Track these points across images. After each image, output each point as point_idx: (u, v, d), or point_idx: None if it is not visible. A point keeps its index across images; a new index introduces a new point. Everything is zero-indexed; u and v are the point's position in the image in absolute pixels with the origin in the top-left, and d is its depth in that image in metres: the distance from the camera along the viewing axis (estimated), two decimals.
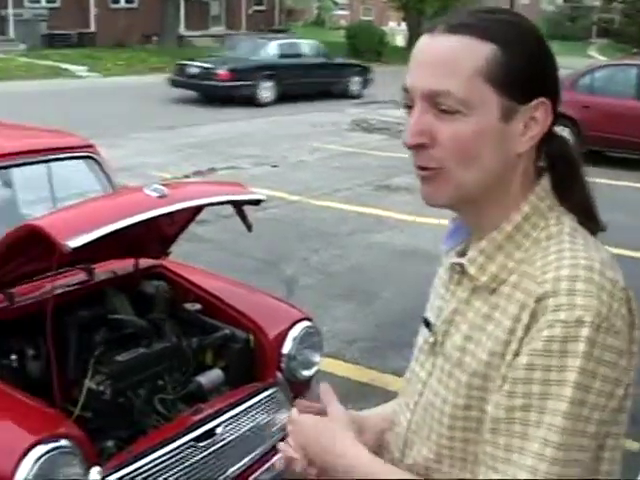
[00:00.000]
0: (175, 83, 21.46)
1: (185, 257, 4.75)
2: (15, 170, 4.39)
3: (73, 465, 2.87)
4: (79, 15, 35.27)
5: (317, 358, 3.92)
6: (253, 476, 3.56)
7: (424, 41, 1.39)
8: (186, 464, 3.22)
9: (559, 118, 1.40)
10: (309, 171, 12.72)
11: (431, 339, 1.49)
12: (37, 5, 34.24)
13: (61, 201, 4.45)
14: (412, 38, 42.75)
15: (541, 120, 1.37)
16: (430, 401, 1.44)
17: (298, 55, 22.83)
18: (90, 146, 4.52)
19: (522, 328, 1.30)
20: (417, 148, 1.38)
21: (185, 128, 16.27)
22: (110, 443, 3.20)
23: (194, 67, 21.05)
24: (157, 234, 3.90)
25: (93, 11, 36.18)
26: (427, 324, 1.51)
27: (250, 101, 20.14)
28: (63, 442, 2.84)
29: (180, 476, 3.19)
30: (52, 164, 4.43)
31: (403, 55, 40.54)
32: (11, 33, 32.79)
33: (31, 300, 3.60)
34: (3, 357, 3.45)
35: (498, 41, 1.34)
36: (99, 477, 2.91)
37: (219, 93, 20.34)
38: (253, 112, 18.97)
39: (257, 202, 3.65)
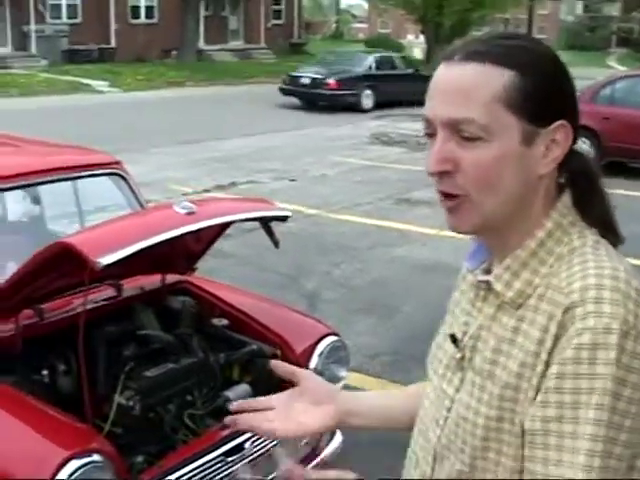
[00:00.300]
0: (285, 91, 25.23)
1: (209, 272, 4.79)
2: (43, 187, 4.45)
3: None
4: (100, 30, 35.58)
5: (343, 373, 3.95)
6: None
7: (442, 70, 1.41)
8: (216, 479, 3.26)
9: (580, 130, 1.43)
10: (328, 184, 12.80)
11: (458, 355, 1.50)
12: (58, 21, 34.55)
13: (88, 218, 4.51)
14: (430, 51, 42.79)
15: (562, 142, 1.39)
16: (462, 415, 1.45)
17: (393, 67, 26.66)
18: (117, 163, 4.58)
19: (551, 338, 1.32)
20: (440, 175, 1.40)
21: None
22: (140, 458, 3.23)
23: (305, 77, 24.75)
24: (184, 250, 3.95)
25: (113, 26, 36.49)
26: (454, 340, 1.52)
27: (353, 108, 23.57)
28: (95, 457, 2.88)
29: None
30: (79, 181, 4.50)
31: (421, 68, 40.78)
32: (33, 49, 33.10)
33: (60, 316, 3.65)
34: (34, 372, 3.50)
35: (514, 67, 1.37)
36: None
37: (326, 100, 23.92)
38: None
39: (284, 218, 3.69)
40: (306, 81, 24.51)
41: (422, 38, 51.13)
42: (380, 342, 6.44)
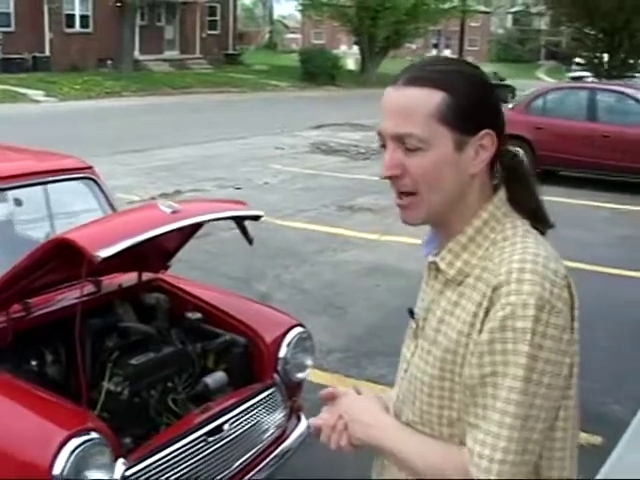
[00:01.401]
0: None
1: None
2: (15, 192, 4.64)
3: (103, 456, 3.15)
4: (34, 39, 35.36)
5: (309, 361, 4.25)
6: (254, 471, 3.87)
7: (389, 93, 1.74)
8: (199, 457, 3.53)
9: (512, 139, 1.80)
10: (276, 192, 13.06)
11: (413, 325, 1.87)
12: None
13: (61, 222, 4.71)
14: (364, 62, 43.36)
15: (488, 146, 1.73)
16: (414, 375, 1.80)
17: None
18: (89, 167, 4.81)
19: (483, 311, 1.66)
20: (392, 179, 1.73)
21: None
22: (128, 440, 3.48)
23: None
24: (159, 249, 4.20)
25: (48, 35, 36.25)
26: (411, 313, 1.88)
27: None
28: (93, 435, 3.12)
29: (194, 468, 3.50)
30: (51, 185, 4.71)
31: (355, 79, 41.31)
32: None
33: (46, 309, 3.89)
34: (25, 363, 3.73)
35: (445, 89, 1.69)
36: (124, 467, 3.20)
37: None
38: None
39: (257, 218, 3.98)
40: None
41: (356, 49, 51.70)
42: (333, 340, 6.74)
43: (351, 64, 53.52)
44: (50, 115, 22.78)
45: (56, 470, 3.02)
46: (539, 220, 1.82)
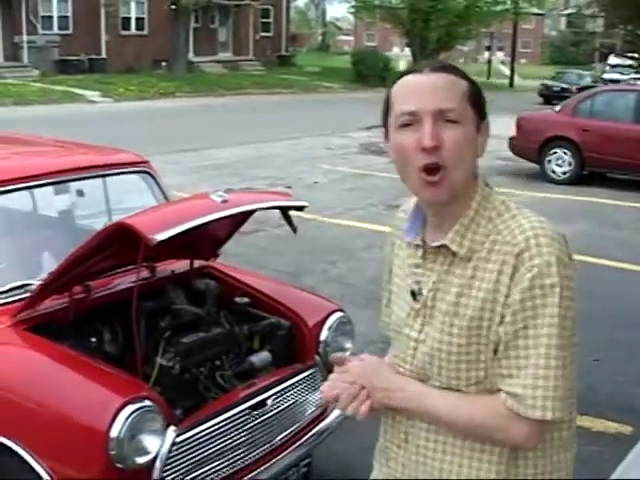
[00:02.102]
0: (543, 95, 38.77)
1: None
2: (76, 184, 4.96)
3: (155, 423, 3.44)
4: (90, 41, 36.08)
5: (349, 344, 4.51)
6: (294, 446, 4.14)
7: (416, 78, 1.98)
8: (244, 428, 3.81)
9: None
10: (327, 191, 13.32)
11: (417, 306, 2.09)
12: (50, 32, 35.03)
13: (118, 213, 5.02)
14: (416, 63, 43.47)
15: (487, 134, 2.04)
16: (436, 348, 2.02)
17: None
18: (145, 162, 5.13)
19: (507, 277, 1.92)
20: (432, 150, 1.92)
21: None
22: (178, 411, 3.77)
23: (556, 86, 38.63)
24: (210, 238, 4.49)
25: (104, 37, 36.97)
26: (413, 294, 2.09)
27: None
28: (147, 402, 3.42)
29: (238, 438, 3.78)
30: (109, 178, 5.03)
31: None
32: (25, 59, 33.61)
33: (105, 292, 4.20)
34: (84, 340, 4.05)
35: (466, 79, 2.00)
36: (174, 434, 3.49)
37: None
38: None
39: (301, 208, 4.26)
40: (556, 88, 37.29)
41: (407, 51, 51.79)
42: (374, 331, 6.97)
43: (403, 66, 53.67)
44: (106, 115, 23.33)
45: (113, 433, 3.31)
46: None
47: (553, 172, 15.46)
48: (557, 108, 15.96)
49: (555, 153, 15.36)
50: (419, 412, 2.05)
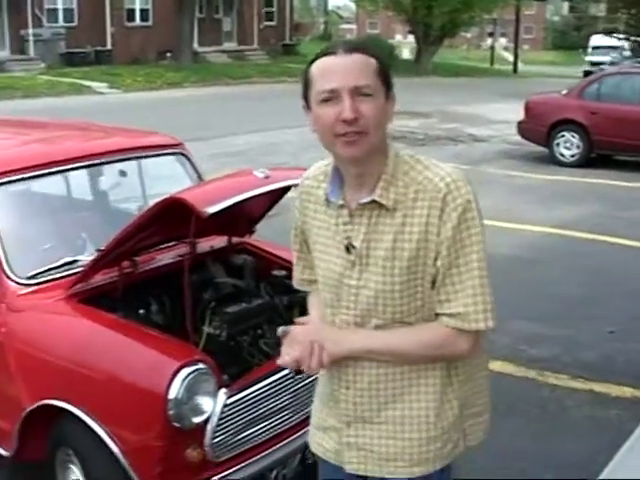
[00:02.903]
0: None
1: None
2: (113, 166, 5.17)
3: (208, 385, 3.66)
4: (96, 33, 36.22)
5: None
6: None
7: (334, 59, 2.29)
8: (287, 392, 4.03)
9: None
10: None
11: (352, 258, 2.40)
12: (55, 25, 35.17)
13: (155, 195, 5.22)
14: (419, 50, 43.52)
15: (394, 102, 2.39)
16: (379, 290, 2.37)
17: None
18: (180, 144, 5.35)
19: (437, 217, 2.29)
20: (353, 120, 2.24)
21: None
22: (225, 377, 3.99)
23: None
24: (247, 215, 4.70)
25: (109, 29, 37.11)
26: (347, 249, 2.42)
27: None
28: (201, 365, 3.64)
29: (284, 400, 4.00)
30: (147, 161, 5.24)
31: (411, 68, 41.47)
32: (31, 52, 33.76)
33: (150, 266, 4.43)
34: (133, 312, 4.27)
35: (375, 57, 2.31)
36: (225, 396, 3.71)
37: None
38: None
39: None
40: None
41: (410, 38, 51.85)
42: None
43: (406, 53, 53.78)
44: (115, 106, 23.51)
45: (171, 395, 3.53)
46: None
47: (561, 155, 15.64)
48: (564, 91, 16.12)
49: (563, 136, 15.55)
50: (371, 351, 2.41)
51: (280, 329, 2.49)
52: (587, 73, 46.20)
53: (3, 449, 4.18)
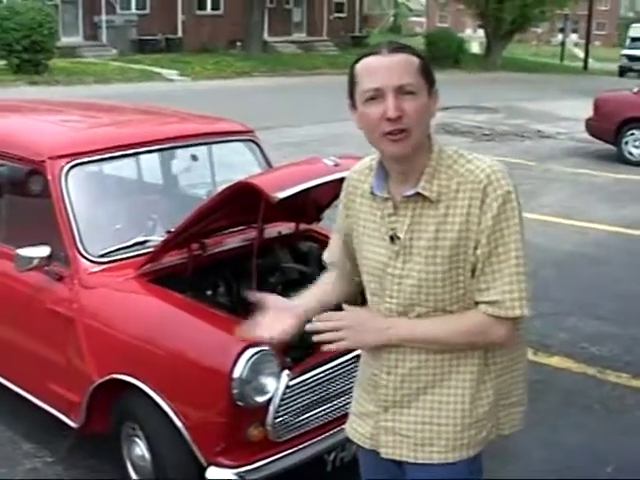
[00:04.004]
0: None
1: None
2: (184, 151, 5.28)
3: (272, 365, 3.75)
4: (167, 21, 36.51)
5: None
6: None
7: (379, 59, 2.37)
8: (348, 377, 4.08)
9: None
10: None
11: (396, 248, 2.51)
12: (128, 12, 35.55)
13: (224, 181, 5.32)
14: (489, 45, 43.13)
15: (437, 98, 2.46)
16: (422, 278, 2.45)
17: None
18: (251, 131, 5.44)
19: (477, 208, 2.37)
20: (398, 118, 2.32)
21: None
22: (288, 359, 4.07)
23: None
24: (314, 202, 4.77)
25: (180, 17, 37.39)
26: (392, 239, 2.51)
27: None
28: (265, 347, 3.72)
29: (343, 386, 4.06)
30: (218, 146, 5.35)
31: (480, 62, 41.18)
32: (103, 38, 34.19)
33: (218, 249, 4.53)
34: (201, 292, 4.37)
35: (417, 55, 2.40)
36: (287, 379, 3.79)
37: None
38: None
39: None
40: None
41: (480, 32, 51.42)
42: None
43: (475, 47, 53.38)
44: (185, 93, 23.74)
45: (236, 374, 3.62)
46: None
47: (630, 154, 15.42)
48: (635, 89, 15.90)
49: (633, 134, 15.32)
50: (413, 339, 2.49)
51: (316, 320, 2.61)
52: (623, 71, 43.41)
53: (72, 420, 4.32)
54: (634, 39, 47.87)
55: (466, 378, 2.51)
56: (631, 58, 44.20)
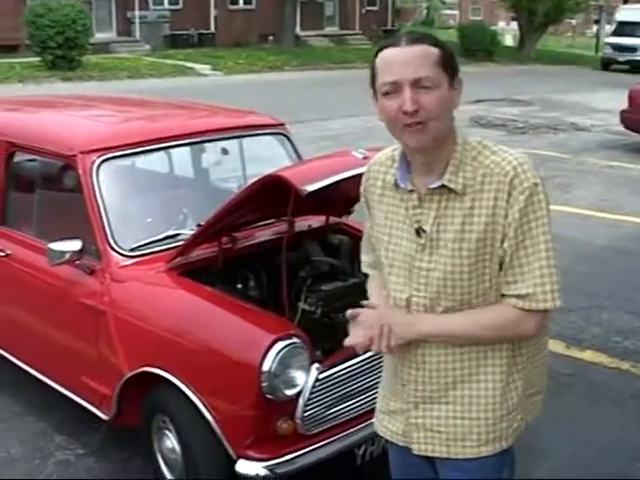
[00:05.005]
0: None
1: None
2: (215, 145, 5.29)
3: (301, 358, 3.74)
4: (199, 16, 36.57)
5: None
6: None
7: (396, 51, 2.34)
8: (378, 371, 4.07)
9: None
10: None
11: (422, 241, 2.47)
12: (160, 7, 35.63)
13: (254, 174, 5.32)
14: (523, 37, 42.80)
15: (460, 88, 2.43)
16: (448, 271, 2.42)
17: None
18: (282, 124, 5.44)
19: (504, 200, 2.34)
20: (414, 112, 2.30)
21: None
22: (318, 352, 4.06)
23: None
24: (344, 195, 4.74)
25: (213, 12, 37.44)
26: (418, 232, 2.47)
27: None
28: (295, 340, 3.72)
29: (375, 378, 4.04)
30: (248, 139, 5.35)
31: (513, 55, 40.89)
32: (137, 34, 34.31)
33: (248, 242, 4.53)
34: (231, 285, 4.37)
35: (437, 46, 2.35)
36: (317, 372, 3.79)
37: None
38: None
39: None
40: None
41: (513, 25, 51.06)
42: None
43: (509, 40, 52.95)
44: (218, 87, 23.76)
45: (265, 367, 3.62)
46: None
47: None
48: None
49: None
50: (439, 334, 2.47)
51: (349, 312, 2.57)
52: (607, 63, 37.36)
53: (104, 413, 4.35)
54: (622, 23, 38.38)
55: (495, 371, 2.49)
56: (617, 47, 36.73)
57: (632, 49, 35.67)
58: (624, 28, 37.32)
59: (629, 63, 35.82)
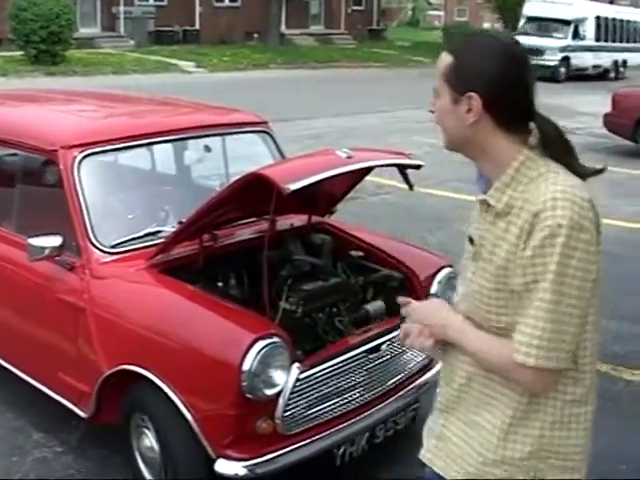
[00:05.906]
0: None
1: None
2: (197, 142, 5.27)
3: (282, 358, 3.72)
4: (184, 13, 36.43)
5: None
6: (404, 391, 4.39)
7: None
8: (360, 371, 4.07)
9: None
10: None
11: (472, 250, 2.35)
12: (145, 3, 35.50)
13: (237, 172, 5.30)
14: None
15: (475, 105, 2.22)
16: (475, 290, 2.31)
17: None
18: (265, 122, 5.42)
19: (526, 233, 2.13)
20: (432, 113, 2.33)
21: None
22: (299, 352, 4.04)
23: None
24: (327, 194, 4.75)
25: (198, 9, 37.32)
26: (471, 240, 2.38)
27: None
28: (276, 339, 3.70)
29: (354, 379, 4.04)
30: (231, 137, 5.32)
31: None
32: (121, 30, 34.16)
33: (230, 241, 4.51)
34: (212, 283, 4.35)
35: (454, 54, 2.27)
36: (298, 371, 3.77)
37: None
38: None
39: (418, 167, 4.48)
40: None
41: (498, 27, 51.16)
42: None
43: None
44: (202, 84, 23.70)
45: (245, 366, 3.60)
46: (571, 166, 2.28)
47: None
48: None
49: None
50: (456, 342, 2.34)
51: (400, 299, 2.54)
52: None
53: (82, 410, 4.31)
54: (531, 19, 34.32)
55: (506, 411, 2.28)
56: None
57: (538, 51, 30.05)
58: (532, 25, 33.79)
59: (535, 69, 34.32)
